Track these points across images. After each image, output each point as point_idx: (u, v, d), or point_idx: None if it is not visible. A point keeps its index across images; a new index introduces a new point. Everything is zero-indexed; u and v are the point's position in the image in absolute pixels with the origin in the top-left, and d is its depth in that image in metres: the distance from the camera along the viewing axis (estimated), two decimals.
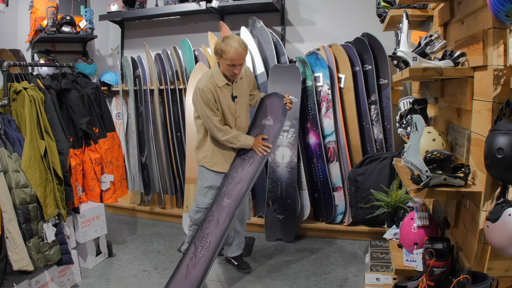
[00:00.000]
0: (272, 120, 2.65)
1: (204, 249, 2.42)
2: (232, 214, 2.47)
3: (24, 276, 2.25)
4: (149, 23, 4.08)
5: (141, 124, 3.84)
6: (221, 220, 2.48)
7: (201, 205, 2.60)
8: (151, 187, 3.88)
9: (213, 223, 2.50)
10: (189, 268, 2.39)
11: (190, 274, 2.38)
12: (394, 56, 1.73)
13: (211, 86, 2.42)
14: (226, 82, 2.46)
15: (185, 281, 2.37)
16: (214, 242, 2.42)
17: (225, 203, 2.53)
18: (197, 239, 2.47)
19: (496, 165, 1.21)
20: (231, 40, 2.34)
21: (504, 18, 1.11)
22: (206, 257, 2.40)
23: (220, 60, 2.40)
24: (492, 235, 1.23)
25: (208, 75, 2.46)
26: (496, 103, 1.34)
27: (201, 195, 2.61)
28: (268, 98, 2.73)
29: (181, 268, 2.41)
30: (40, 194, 2.21)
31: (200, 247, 2.43)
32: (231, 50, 2.32)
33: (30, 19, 3.86)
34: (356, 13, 3.47)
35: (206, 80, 2.43)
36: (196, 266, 2.39)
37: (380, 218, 2.64)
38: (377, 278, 2.25)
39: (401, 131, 2.31)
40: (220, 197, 2.55)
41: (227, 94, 2.49)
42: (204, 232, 2.48)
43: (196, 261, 2.40)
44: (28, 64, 2.66)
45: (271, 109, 2.68)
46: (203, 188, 2.60)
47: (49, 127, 2.41)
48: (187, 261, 2.41)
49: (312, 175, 3.38)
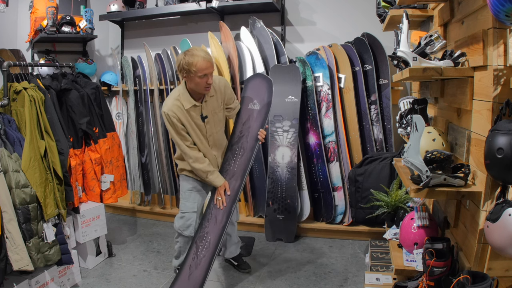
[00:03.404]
0: (258, 104, 2.53)
1: (205, 249, 2.41)
2: (228, 211, 2.43)
3: (24, 276, 2.25)
4: (149, 23, 4.08)
5: (141, 124, 3.84)
6: (218, 218, 2.44)
7: (183, 209, 2.47)
8: (151, 187, 3.88)
9: (211, 221, 2.47)
10: (191, 269, 2.38)
11: (192, 274, 2.37)
12: (394, 56, 1.73)
13: (177, 110, 2.24)
14: (194, 104, 2.27)
15: (188, 282, 2.36)
16: (214, 241, 2.40)
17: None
18: (198, 238, 2.46)
19: (496, 165, 1.21)
20: (195, 50, 2.18)
21: (504, 18, 1.11)
22: (207, 257, 2.38)
23: (189, 77, 2.19)
24: (492, 235, 1.23)
25: (174, 96, 2.28)
26: (496, 103, 1.34)
27: (184, 199, 2.50)
28: (253, 80, 2.60)
29: (184, 269, 2.40)
30: (40, 194, 2.21)
31: (201, 247, 2.42)
32: (199, 60, 2.13)
33: (30, 19, 3.85)
34: (356, 13, 3.47)
35: (171, 102, 2.25)
36: (198, 267, 2.37)
37: (380, 218, 2.64)
38: (377, 278, 2.25)
39: (401, 131, 2.31)
40: (216, 194, 2.50)
41: (196, 115, 2.32)
42: (204, 231, 2.47)
43: (197, 261, 2.39)
44: (28, 64, 2.66)
45: (257, 92, 2.55)
46: (185, 192, 2.49)
47: (49, 127, 2.41)
48: (190, 261, 2.40)
49: (312, 175, 3.38)
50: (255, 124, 2.50)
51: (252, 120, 2.53)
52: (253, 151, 2.47)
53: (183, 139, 2.32)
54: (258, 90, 2.56)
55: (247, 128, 2.53)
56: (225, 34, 3.51)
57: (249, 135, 2.51)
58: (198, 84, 2.20)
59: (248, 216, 3.56)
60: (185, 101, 2.26)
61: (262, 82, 2.57)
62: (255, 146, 2.47)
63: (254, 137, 2.48)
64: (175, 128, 2.28)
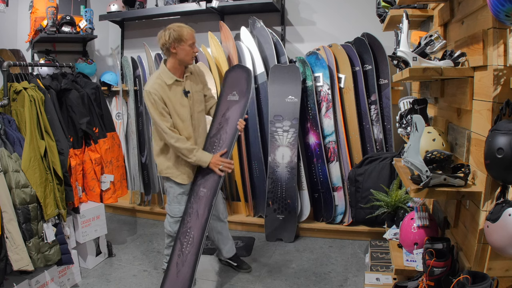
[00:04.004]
0: (237, 95, 2.51)
1: (190, 245, 2.38)
2: (210, 204, 2.39)
3: (24, 276, 2.25)
4: (149, 23, 4.08)
5: (141, 124, 3.84)
6: (200, 212, 2.41)
7: (178, 214, 2.45)
8: (151, 187, 3.87)
9: (193, 216, 2.43)
10: (178, 266, 2.37)
11: (180, 272, 2.35)
12: (394, 56, 1.73)
13: (158, 87, 2.27)
14: (176, 79, 2.33)
15: (177, 280, 2.34)
16: (197, 236, 2.37)
17: (202, 193, 2.45)
18: (181, 234, 2.42)
19: (496, 165, 1.21)
20: (176, 25, 2.27)
21: (504, 18, 1.11)
22: (192, 253, 2.36)
23: (179, 47, 2.26)
24: (492, 235, 1.23)
25: (155, 76, 2.33)
26: (496, 103, 1.34)
27: (176, 203, 2.45)
28: (232, 71, 2.62)
29: (171, 268, 2.39)
30: (40, 194, 2.21)
31: (185, 243, 2.39)
32: (187, 30, 2.27)
33: (30, 19, 3.85)
34: (356, 13, 3.47)
35: (153, 81, 2.30)
36: (184, 263, 2.36)
37: (380, 218, 2.63)
38: (377, 278, 2.25)
39: (401, 131, 2.31)
40: (196, 186, 2.46)
41: (179, 92, 2.34)
42: (186, 226, 2.43)
43: (183, 258, 2.37)
44: (28, 64, 2.66)
45: (236, 83, 2.55)
46: (176, 196, 2.45)
47: (49, 127, 2.41)
48: (176, 259, 2.39)
49: (312, 175, 3.38)
50: (235, 115, 2.48)
51: (232, 111, 2.51)
52: (232, 142, 2.45)
53: (163, 120, 2.29)
54: (237, 81, 2.56)
55: (225, 120, 2.51)
56: (225, 34, 3.52)
57: (228, 126, 2.48)
58: (188, 53, 2.29)
59: (248, 216, 3.56)
60: (167, 78, 2.31)
61: (240, 73, 2.58)
62: (235, 137, 2.45)
63: (234, 128, 2.45)
64: (156, 106, 2.27)
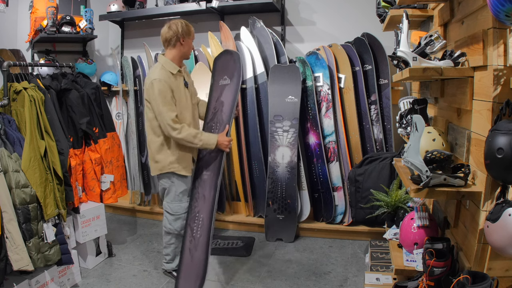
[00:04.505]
0: (228, 79, 2.57)
1: (200, 228, 2.41)
2: (215, 185, 2.41)
3: (24, 276, 2.25)
4: (149, 23, 4.08)
5: (141, 124, 3.84)
6: (206, 195, 2.43)
7: (179, 211, 2.48)
8: (151, 187, 3.87)
9: (200, 200, 2.44)
10: (192, 251, 2.40)
11: (194, 256, 2.38)
12: (394, 56, 1.73)
13: (166, 77, 2.31)
14: (179, 69, 2.41)
15: (193, 264, 2.37)
16: (207, 218, 2.39)
17: (205, 176, 2.48)
18: (190, 220, 2.45)
19: (496, 165, 1.21)
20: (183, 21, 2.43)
21: (504, 18, 1.11)
22: (204, 236, 2.38)
23: (186, 41, 2.40)
24: (492, 235, 1.22)
25: (158, 67, 2.37)
26: (496, 103, 1.34)
27: (177, 202, 2.47)
28: (220, 57, 2.69)
29: (185, 254, 2.42)
30: (40, 194, 2.21)
31: (195, 228, 2.42)
32: (192, 28, 2.45)
33: (30, 19, 3.85)
34: (356, 13, 3.47)
35: (158, 71, 2.33)
36: (197, 247, 2.38)
37: (380, 218, 2.63)
38: (377, 278, 2.25)
39: (401, 131, 2.31)
40: (198, 171, 2.48)
41: (181, 82, 2.42)
42: (194, 211, 2.45)
43: (195, 242, 2.39)
44: (28, 64, 2.66)
45: (225, 67, 2.62)
46: (177, 195, 2.46)
47: (49, 127, 2.41)
48: (188, 245, 2.43)
49: (312, 175, 3.38)
50: (229, 97, 2.54)
51: (225, 95, 2.57)
52: (230, 119, 2.49)
53: (170, 110, 2.29)
54: (226, 66, 2.63)
55: (220, 103, 2.57)
56: (225, 34, 3.51)
57: (223, 107, 2.54)
58: (191, 47, 2.48)
59: (248, 216, 3.56)
60: (171, 68, 2.38)
61: (228, 57, 2.65)
62: (232, 115, 2.49)
63: (229, 109, 2.50)
64: (165, 96, 2.28)
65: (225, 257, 2.98)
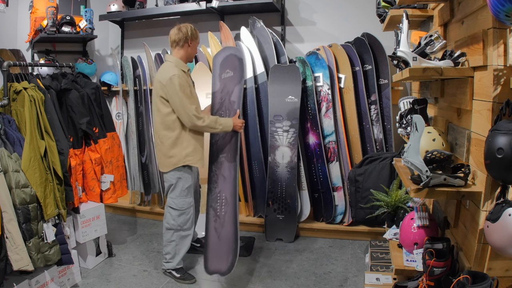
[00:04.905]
0: (231, 72, 2.68)
1: (224, 206, 2.49)
2: (234, 166, 2.53)
3: (24, 276, 2.25)
4: (149, 23, 4.08)
5: (141, 124, 3.84)
6: (226, 175, 2.53)
7: (184, 206, 2.53)
8: (151, 187, 3.87)
9: (220, 180, 2.55)
10: (218, 230, 2.46)
11: (221, 234, 2.45)
12: (394, 56, 1.73)
13: (181, 73, 2.43)
14: (188, 68, 2.56)
15: (220, 242, 2.44)
16: (230, 196, 2.49)
17: (222, 158, 2.60)
18: (211, 201, 2.55)
19: (496, 165, 1.21)
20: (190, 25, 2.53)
21: (504, 18, 1.11)
22: (229, 212, 2.45)
23: (194, 43, 2.53)
24: (492, 235, 1.23)
25: (171, 65, 2.46)
26: (496, 103, 1.34)
27: (183, 197, 2.53)
28: (220, 54, 2.82)
29: (210, 235, 2.48)
30: (40, 194, 2.21)
31: (219, 207, 2.51)
32: (198, 33, 2.58)
33: (30, 19, 3.85)
34: (356, 13, 3.47)
35: (172, 69, 2.42)
36: (224, 224, 2.45)
37: (380, 218, 2.63)
38: (377, 278, 2.25)
39: (401, 131, 2.31)
40: (214, 155, 2.59)
41: (190, 80, 2.57)
42: (215, 192, 2.55)
43: (221, 220, 2.46)
44: (28, 64, 2.66)
45: (226, 62, 2.74)
46: (184, 190, 2.52)
47: (49, 127, 2.41)
48: (212, 225, 2.49)
49: (312, 175, 3.38)
50: (234, 87, 2.66)
51: (230, 85, 2.71)
52: (239, 104, 2.64)
53: (191, 102, 2.41)
54: (227, 61, 2.76)
55: (226, 93, 2.70)
56: (225, 34, 3.51)
57: (230, 97, 2.68)
58: (196, 50, 2.60)
59: (248, 216, 3.56)
60: (182, 66, 2.50)
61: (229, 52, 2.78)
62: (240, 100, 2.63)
63: (237, 96, 2.64)
64: (185, 90, 2.39)
65: None
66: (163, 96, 2.41)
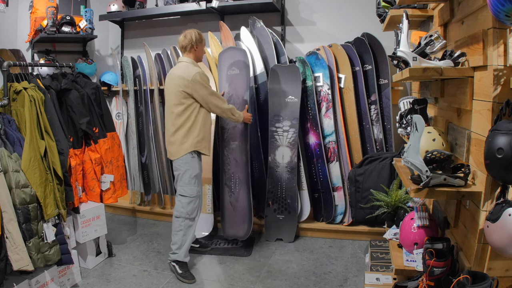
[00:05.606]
0: (237, 69, 2.97)
1: (238, 185, 2.93)
2: (246, 152, 2.97)
3: (24, 276, 2.25)
4: (149, 23, 4.08)
5: (141, 124, 3.84)
6: (238, 159, 2.93)
7: (193, 193, 2.69)
8: (151, 187, 3.88)
9: (232, 163, 3.02)
10: (233, 204, 2.92)
11: (236, 207, 2.90)
12: (394, 56, 1.73)
13: (201, 70, 2.68)
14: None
15: (236, 213, 2.96)
16: (243, 177, 2.91)
17: (234, 145, 3.01)
18: (226, 180, 2.98)
19: (496, 165, 1.21)
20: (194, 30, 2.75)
21: (504, 18, 1.11)
22: (243, 190, 2.89)
23: (200, 47, 2.76)
24: (492, 235, 1.23)
25: (188, 65, 2.68)
26: (496, 103, 1.34)
27: (192, 185, 2.68)
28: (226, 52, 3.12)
29: (226, 207, 2.93)
30: (40, 194, 2.21)
31: (233, 185, 2.93)
32: (203, 35, 2.79)
33: (30, 19, 3.85)
34: (356, 13, 3.47)
35: (194, 67, 2.67)
36: (238, 199, 2.90)
37: (380, 218, 2.64)
38: (377, 278, 2.25)
39: (401, 131, 2.31)
40: (225, 142, 3.01)
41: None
42: (229, 172, 3.05)
43: (235, 196, 2.90)
44: (28, 64, 2.66)
45: (232, 60, 2.97)
46: (192, 178, 2.68)
47: (49, 127, 2.41)
48: (228, 199, 2.94)
49: (312, 175, 3.38)
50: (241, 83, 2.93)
51: (236, 82, 3.01)
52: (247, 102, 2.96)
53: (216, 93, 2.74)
54: (233, 58, 3.04)
55: (233, 88, 3.01)
56: (225, 34, 3.52)
57: (238, 92, 3.01)
58: (203, 51, 2.82)
59: None
60: (197, 66, 2.74)
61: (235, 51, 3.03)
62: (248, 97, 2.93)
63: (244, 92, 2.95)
64: (209, 83, 2.67)
65: (225, 257, 2.98)
66: (185, 91, 2.59)
